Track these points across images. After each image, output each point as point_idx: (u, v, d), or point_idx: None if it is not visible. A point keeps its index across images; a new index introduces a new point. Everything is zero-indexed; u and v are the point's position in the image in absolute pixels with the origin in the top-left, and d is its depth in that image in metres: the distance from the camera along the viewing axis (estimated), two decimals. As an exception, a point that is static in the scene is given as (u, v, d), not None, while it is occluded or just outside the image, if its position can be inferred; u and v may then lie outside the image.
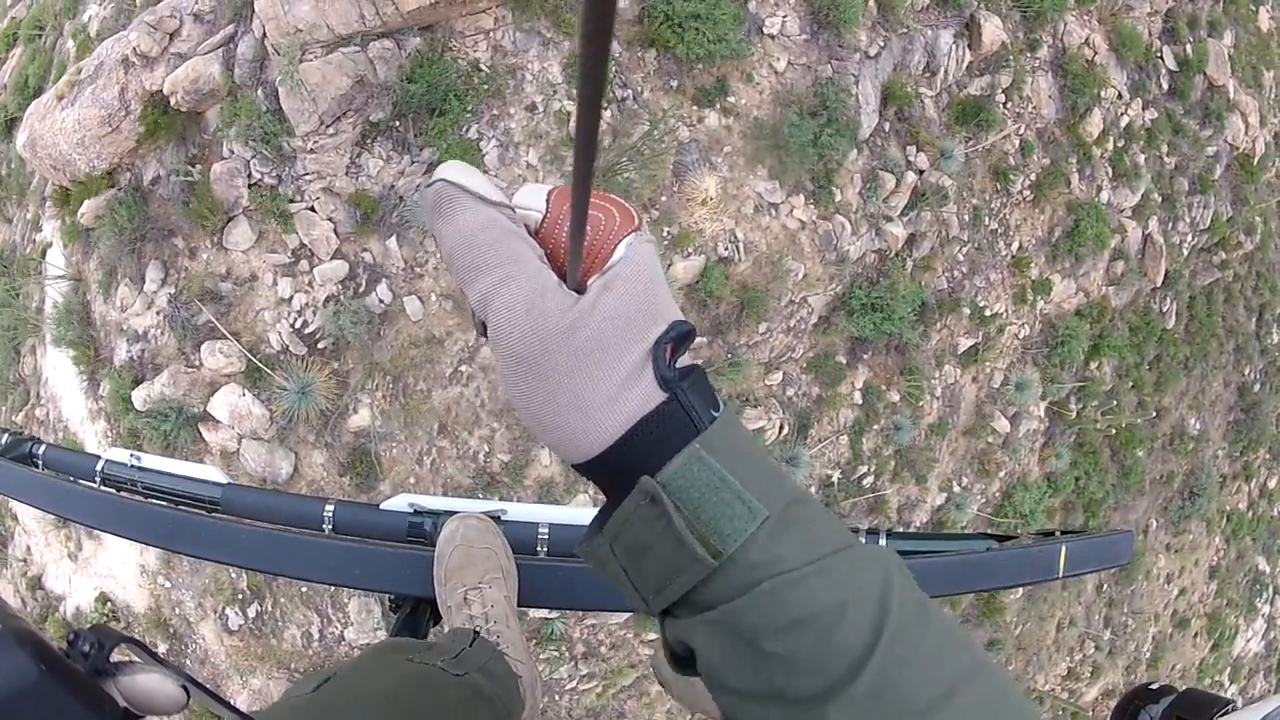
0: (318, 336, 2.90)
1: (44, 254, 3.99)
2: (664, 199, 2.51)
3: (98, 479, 1.01)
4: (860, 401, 2.54)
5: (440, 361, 2.87)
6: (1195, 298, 3.73)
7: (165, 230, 3.07)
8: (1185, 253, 3.82)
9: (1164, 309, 3.52)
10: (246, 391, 3.05)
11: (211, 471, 1.04)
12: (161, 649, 3.44)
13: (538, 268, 0.37)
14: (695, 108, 2.53)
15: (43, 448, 1.07)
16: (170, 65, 2.83)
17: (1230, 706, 1.27)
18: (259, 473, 3.11)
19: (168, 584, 3.58)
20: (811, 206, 2.56)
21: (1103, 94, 3.68)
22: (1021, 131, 3.17)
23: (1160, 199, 3.86)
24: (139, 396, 3.28)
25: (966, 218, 2.86)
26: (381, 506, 1.05)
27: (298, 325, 2.94)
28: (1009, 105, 3.11)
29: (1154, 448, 3.33)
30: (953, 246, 2.81)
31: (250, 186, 2.88)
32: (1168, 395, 3.40)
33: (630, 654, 2.49)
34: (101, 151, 3.23)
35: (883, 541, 1.05)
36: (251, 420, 3.09)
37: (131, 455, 1.02)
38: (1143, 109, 3.99)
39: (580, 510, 1.07)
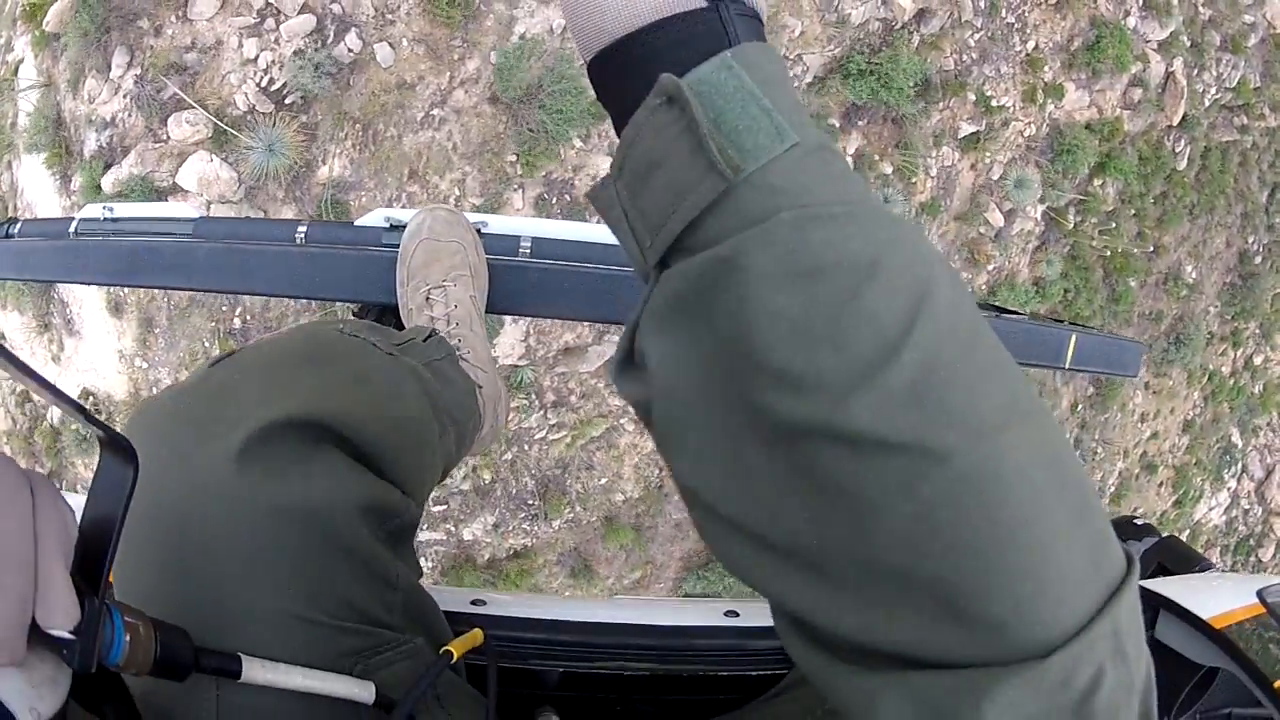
0: (285, 92, 2.79)
1: (16, 71, 3.88)
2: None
3: (73, 238, 0.96)
4: (851, 168, 2.44)
5: (411, 106, 2.76)
6: (1210, 150, 3.54)
7: (130, 15, 2.95)
8: (1207, 103, 3.61)
9: (1177, 150, 3.34)
10: (214, 156, 2.93)
11: (184, 208, 0.99)
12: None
13: None
14: None
15: (19, 225, 1.01)
16: None
17: (1209, 567, 1.15)
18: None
19: (144, 364, 3.59)
20: (818, -40, 2.38)
21: (1144, -81, 3.41)
22: (1052, -67, 2.94)
23: (1189, 43, 3.63)
24: (108, 181, 3.22)
25: (983, 4, 2.66)
26: (356, 223, 0.98)
27: (264, 83, 2.85)
28: (1043, -100, 2.87)
29: (1147, 282, 3.21)
30: (964, 30, 2.63)
31: None
32: (1168, 234, 3.25)
33: (600, 404, 2.46)
34: None
35: None
36: (220, 184, 2.94)
37: (105, 208, 0.96)
38: (1184, -51, 3.71)
39: (567, 224, 0.97)
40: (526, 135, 2.48)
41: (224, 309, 3.14)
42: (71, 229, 0.95)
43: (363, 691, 0.47)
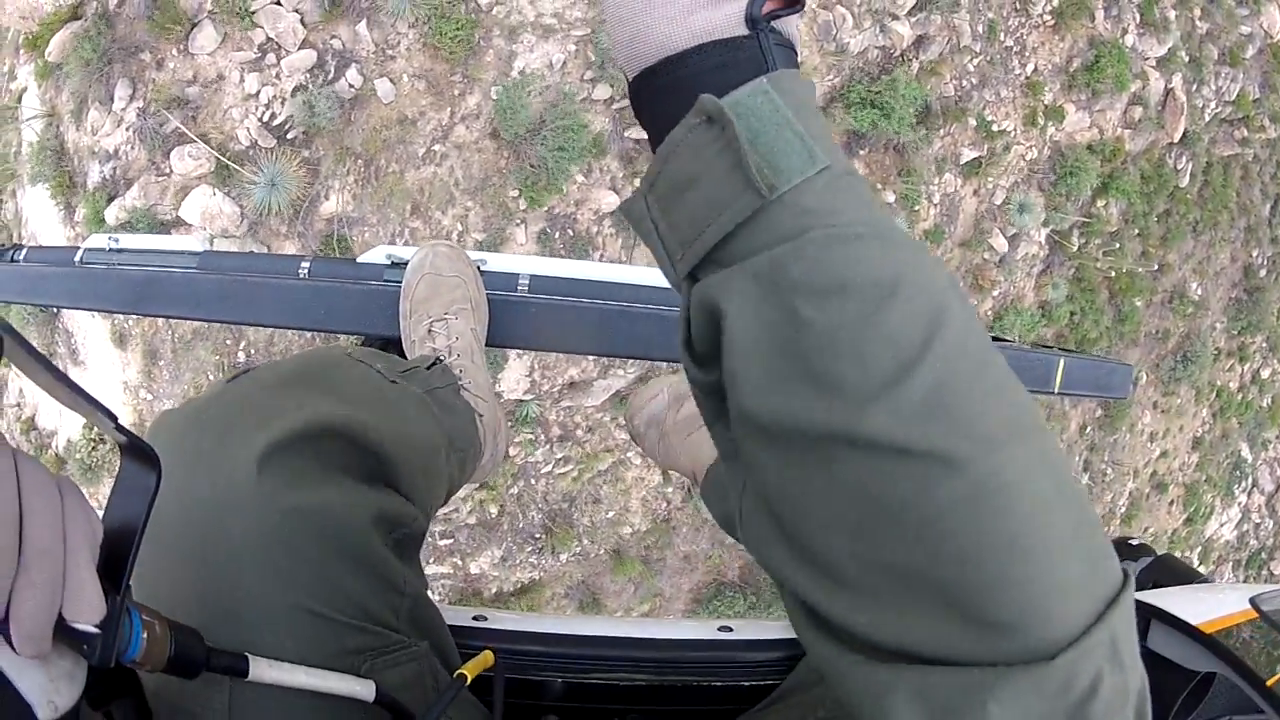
0: (287, 127, 2.79)
1: (20, 99, 3.91)
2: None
3: (78, 266, 0.97)
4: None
5: (413, 142, 2.75)
6: (1212, 165, 3.52)
7: (132, 48, 2.96)
8: (1207, 118, 3.59)
9: (1179, 166, 3.32)
10: (217, 190, 2.92)
11: (189, 241, 0.99)
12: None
13: None
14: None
15: (24, 251, 1.02)
16: None
17: (1206, 582, 1.15)
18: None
19: (149, 396, 3.57)
20: (816, -9, 2.37)
21: (1139, -61, 3.41)
22: (1049, -44, 2.93)
23: (1187, 59, 3.61)
24: (111, 213, 3.22)
25: (981, 29, 2.65)
26: (358, 260, 1.00)
27: (266, 118, 2.85)
28: (1039, -76, 2.86)
29: (1153, 301, 3.18)
30: (963, 56, 2.61)
31: None
32: (1172, 252, 3.22)
33: (607, 438, 2.43)
34: None
35: None
36: (223, 219, 2.95)
37: (110, 238, 0.98)
38: (1179, -34, 3.70)
39: (565, 262, 0.99)
40: (528, 170, 2.47)
41: (228, 343, 3.13)
42: (77, 257, 0.96)
43: (364, 690, 0.48)
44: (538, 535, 2.72)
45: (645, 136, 0.37)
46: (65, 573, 0.31)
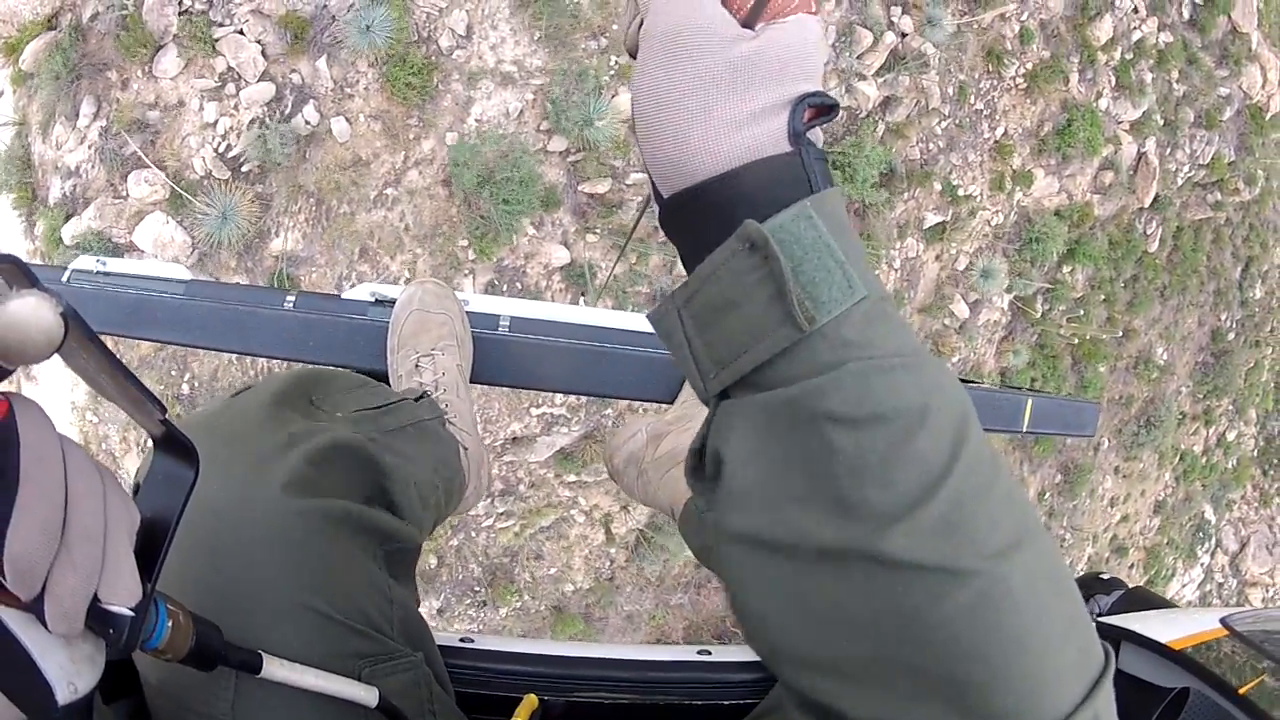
0: (242, 160, 2.69)
1: None
2: (614, 27, 2.25)
3: (66, 285, 0.97)
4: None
5: (365, 184, 2.65)
6: (1183, 229, 3.45)
7: (100, 65, 2.87)
8: (1179, 182, 3.52)
9: (1148, 231, 3.24)
10: (170, 219, 2.82)
11: (176, 269, 1.00)
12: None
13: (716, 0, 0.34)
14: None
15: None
16: None
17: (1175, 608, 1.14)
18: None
19: (95, 419, 3.45)
20: (782, 48, 2.30)
21: (1117, 3, 3.33)
22: (1024, 18, 2.85)
23: (1162, 122, 3.55)
24: (68, 232, 3.12)
25: (950, 92, 2.56)
26: (343, 296, 1.01)
27: (221, 149, 2.75)
28: (1014, -14, 2.78)
29: (1117, 367, 3.10)
30: (931, 118, 2.53)
31: (181, 14, 2.70)
32: (1139, 318, 3.14)
33: (550, 494, 2.32)
34: None
35: None
36: (174, 247, 2.81)
37: (98, 260, 0.98)
38: (1158, 29, 3.64)
39: (544, 305, 0.96)
40: (479, 221, 2.37)
41: (173, 374, 3.01)
42: (64, 277, 0.96)
43: (368, 695, 0.49)
44: (477, 589, 2.60)
45: (600, 192, 0.35)
46: (105, 555, 0.32)
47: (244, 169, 2.69)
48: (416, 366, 0.90)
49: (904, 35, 2.47)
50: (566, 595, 2.61)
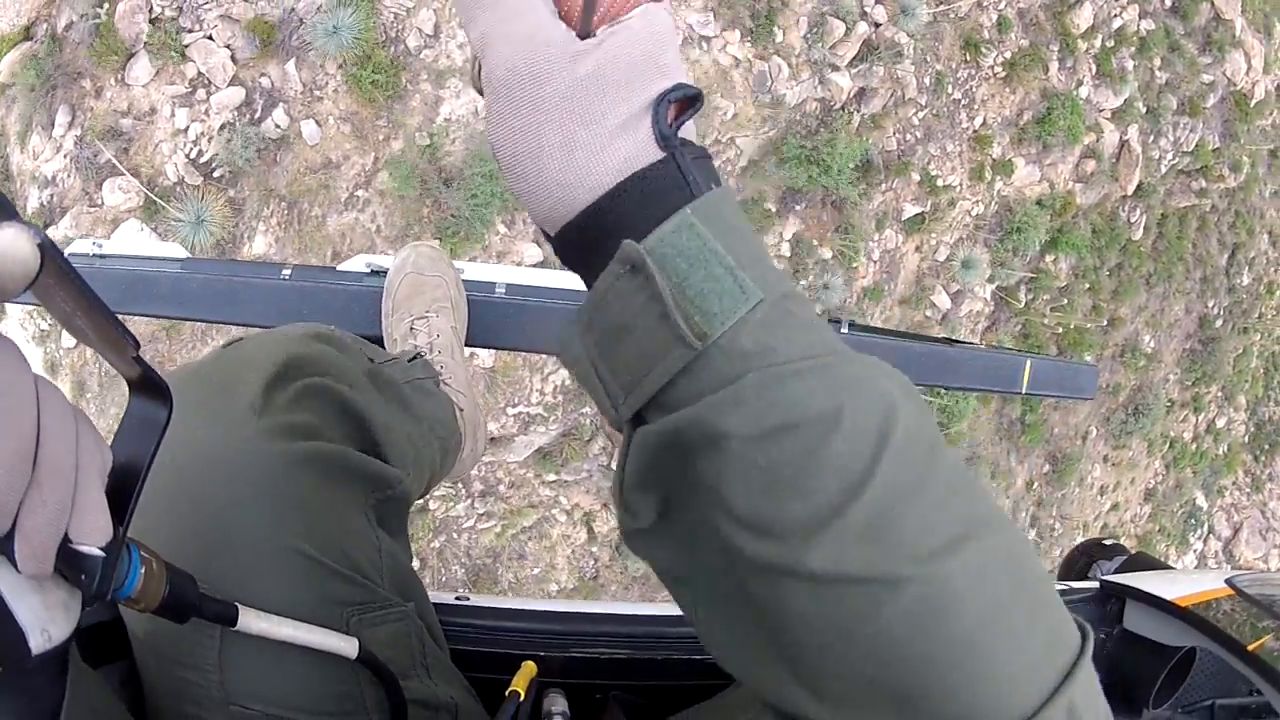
0: (213, 165, 2.67)
1: None
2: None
3: None
4: (788, 254, 2.26)
5: (336, 187, 2.62)
6: (1167, 217, 3.40)
7: (74, 73, 2.85)
8: (1163, 170, 3.47)
9: (1132, 219, 3.19)
10: (145, 225, 2.80)
11: (173, 248, 1.00)
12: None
13: (547, 12, 0.32)
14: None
15: None
16: None
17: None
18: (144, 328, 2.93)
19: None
20: (748, 44, 2.24)
21: (1097, -11, 3.29)
22: (1001, 7, 2.80)
23: (1144, 109, 3.50)
24: None
25: (927, 81, 2.52)
26: (338, 268, 1.01)
27: (193, 155, 2.73)
28: (991, -25, 2.73)
29: (1103, 355, 3.05)
30: (908, 109, 2.48)
31: (152, 21, 2.68)
32: (1124, 306, 3.09)
33: (530, 494, 2.28)
34: (20, 9, 3.09)
35: (844, 330, 0.92)
36: None
37: (94, 243, 0.98)
38: (1139, 17, 3.59)
39: (540, 272, 0.93)
40: (449, 220, 2.32)
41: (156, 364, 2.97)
42: None
43: (348, 646, 0.48)
44: (461, 591, 2.56)
45: None
46: (75, 493, 0.31)
47: (216, 174, 2.65)
48: (411, 329, 0.90)
49: (877, 25, 2.42)
50: (551, 595, 2.56)
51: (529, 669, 0.63)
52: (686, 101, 0.32)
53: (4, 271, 0.26)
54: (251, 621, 0.44)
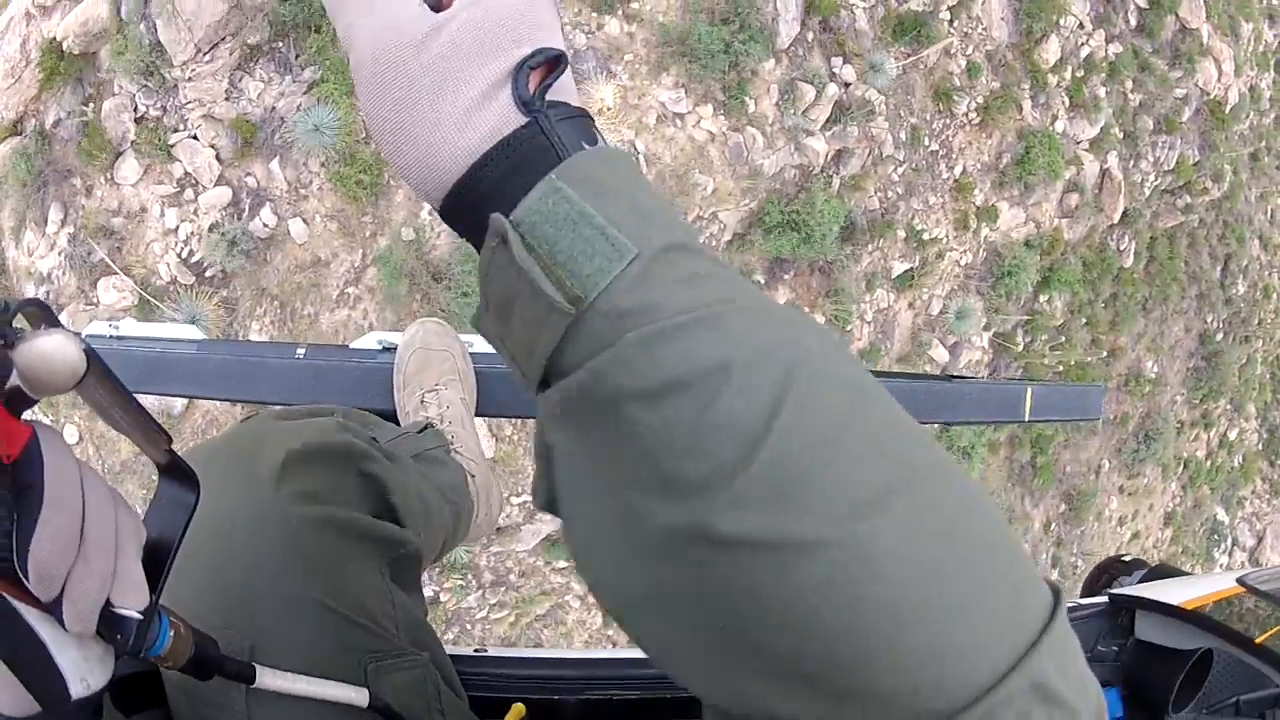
0: (205, 265, 2.68)
1: None
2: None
3: None
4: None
5: (326, 284, 2.62)
6: (1156, 239, 3.38)
7: (65, 171, 2.89)
8: (1147, 192, 3.47)
9: (1121, 247, 3.18)
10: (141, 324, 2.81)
11: (188, 330, 1.01)
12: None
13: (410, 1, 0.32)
14: (594, 14, 2.22)
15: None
16: (65, 11, 2.71)
17: None
18: (153, 405, 2.92)
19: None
20: (721, 117, 2.25)
21: (1062, 21, 3.31)
22: (969, 52, 2.82)
23: (1121, 134, 3.51)
24: None
25: (903, 136, 2.52)
26: (351, 345, 1.04)
27: (185, 255, 2.76)
28: (955, 24, 2.76)
29: (1108, 387, 3.01)
30: (886, 165, 2.48)
31: (137, 120, 2.75)
32: (1123, 335, 3.06)
33: (542, 581, 2.23)
34: (7, 102, 3.17)
35: None
36: None
37: (111, 325, 1.00)
38: (1106, 41, 3.61)
39: None
40: (440, 314, 2.31)
41: (153, 479, 2.94)
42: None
43: (359, 696, 0.51)
44: (479, 644, 2.50)
45: None
46: (117, 563, 0.35)
47: (208, 274, 2.66)
48: (422, 402, 0.93)
49: (847, 85, 2.43)
50: (568, 686, 2.50)
51: (518, 711, 0.65)
52: (551, 64, 0.32)
53: (55, 372, 0.31)
54: (269, 680, 0.48)
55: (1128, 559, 1.20)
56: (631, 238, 0.29)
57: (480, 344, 1.04)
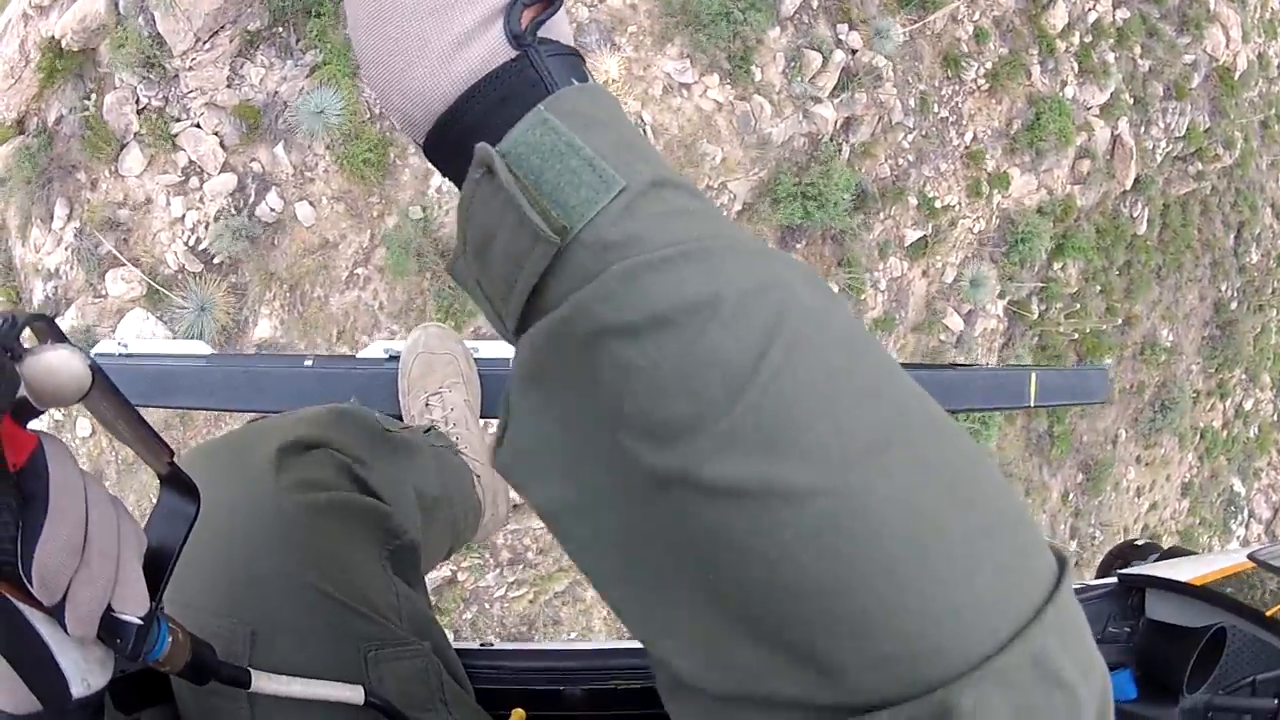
0: (213, 252, 2.67)
1: None
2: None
3: None
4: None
5: (335, 266, 2.61)
6: (1169, 206, 3.34)
7: (69, 167, 2.88)
8: (1159, 159, 3.42)
9: (1135, 214, 3.13)
10: (150, 314, 2.81)
11: (197, 345, 1.02)
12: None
13: None
14: (601, -18, 2.19)
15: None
16: (63, 10, 2.70)
17: None
18: (160, 413, 2.92)
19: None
20: (728, 86, 2.22)
21: (1069, -12, 3.27)
22: (976, 18, 2.78)
23: (1131, 100, 3.46)
24: None
25: (912, 103, 2.48)
26: (357, 355, 1.05)
27: (192, 243, 2.75)
28: (963, -11, 2.72)
29: (1123, 356, 2.97)
30: (896, 133, 2.45)
31: (139, 112, 2.74)
32: (1139, 303, 3.02)
33: (560, 558, 2.23)
34: (9, 103, 3.16)
35: None
36: (157, 343, 2.83)
37: (119, 343, 1.00)
38: (1113, 6, 3.56)
39: None
40: (447, 291, 2.30)
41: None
42: (86, 364, 0.99)
43: (354, 695, 0.51)
44: (486, 638, 2.49)
45: None
46: (118, 570, 0.35)
47: (216, 261, 2.65)
48: (427, 405, 0.94)
49: (854, 51, 2.39)
50: (587, 664, 2.49)
51: (519, 716, 0.66)
52: (546, 2, 0.32)
53: (62, 385, 0.32)
54: (264, 684, 0.48)
55: (1140, 543, 1.21)
56: (620, 171, 0.28)
57: (484, 349, 1.05)
